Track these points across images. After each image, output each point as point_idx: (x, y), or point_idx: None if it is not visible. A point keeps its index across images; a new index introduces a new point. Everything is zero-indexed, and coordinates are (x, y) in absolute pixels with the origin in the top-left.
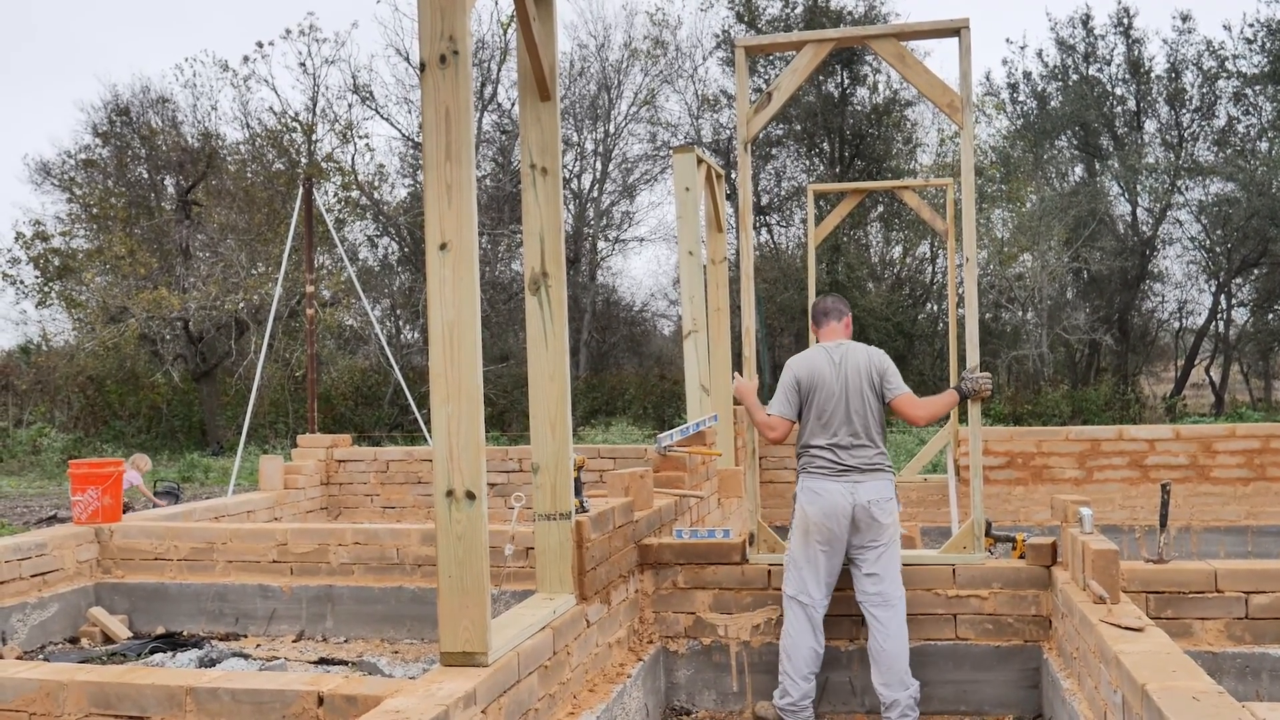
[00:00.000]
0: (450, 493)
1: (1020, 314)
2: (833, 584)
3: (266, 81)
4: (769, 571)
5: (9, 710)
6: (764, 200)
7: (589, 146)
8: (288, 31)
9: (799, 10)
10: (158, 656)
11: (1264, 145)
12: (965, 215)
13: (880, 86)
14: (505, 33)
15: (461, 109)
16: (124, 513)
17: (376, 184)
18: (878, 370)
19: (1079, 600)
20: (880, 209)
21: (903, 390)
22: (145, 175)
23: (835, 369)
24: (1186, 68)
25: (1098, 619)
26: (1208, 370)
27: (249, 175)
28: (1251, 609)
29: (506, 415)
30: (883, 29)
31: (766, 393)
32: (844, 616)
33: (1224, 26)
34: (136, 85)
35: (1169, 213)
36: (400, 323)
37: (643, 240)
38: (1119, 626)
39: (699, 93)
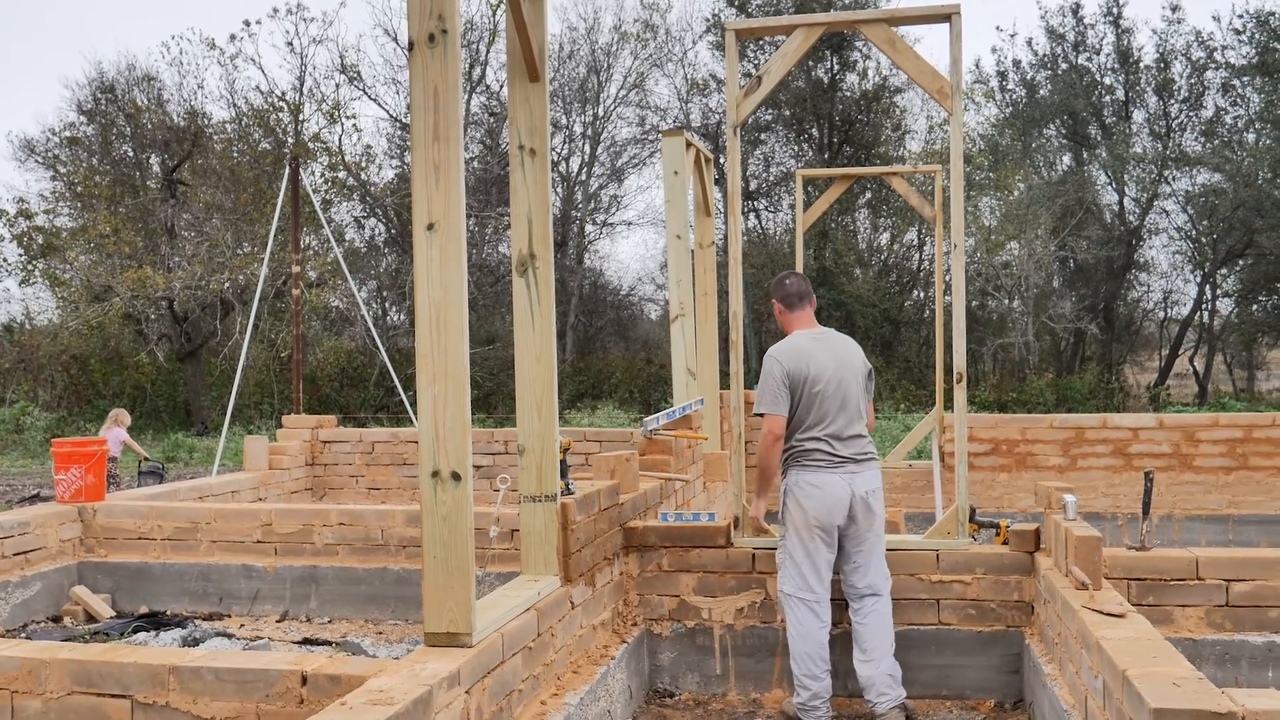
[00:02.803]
0: (436, 473)
1: (1006, 302)
2: (830, 576)
3: (253, 60)
4: (753, 555)
5: None
6: (752, 185)
7: (577, 129)
8: (275, 10)
9: None
10: (141, 635)
11: (1251, 136)
12: (953, 202)
13: (870, 73)
14: (494, 14)
15: (450, 88)
16: (109, 481)
17: (364, 165)
18: (865, 364)
19: (1061, 586)
20: (868, 195)
21: (873, 395)
22: (130, 153)
23: (828, 357)
24: (1175, 58)
25: (1080, 605)
26: (1192, 360)
27: (235, 155)
28: (1232, 596)
29: (492, 398)
30: (873, 13)
31: (752, 377)
32: None
33: (1213, 17)
34: (122, 63)
35: (1155, 203)
36: (386, 304)
37: (630, 224)
38: (1101, 612)
39: (688, 76)
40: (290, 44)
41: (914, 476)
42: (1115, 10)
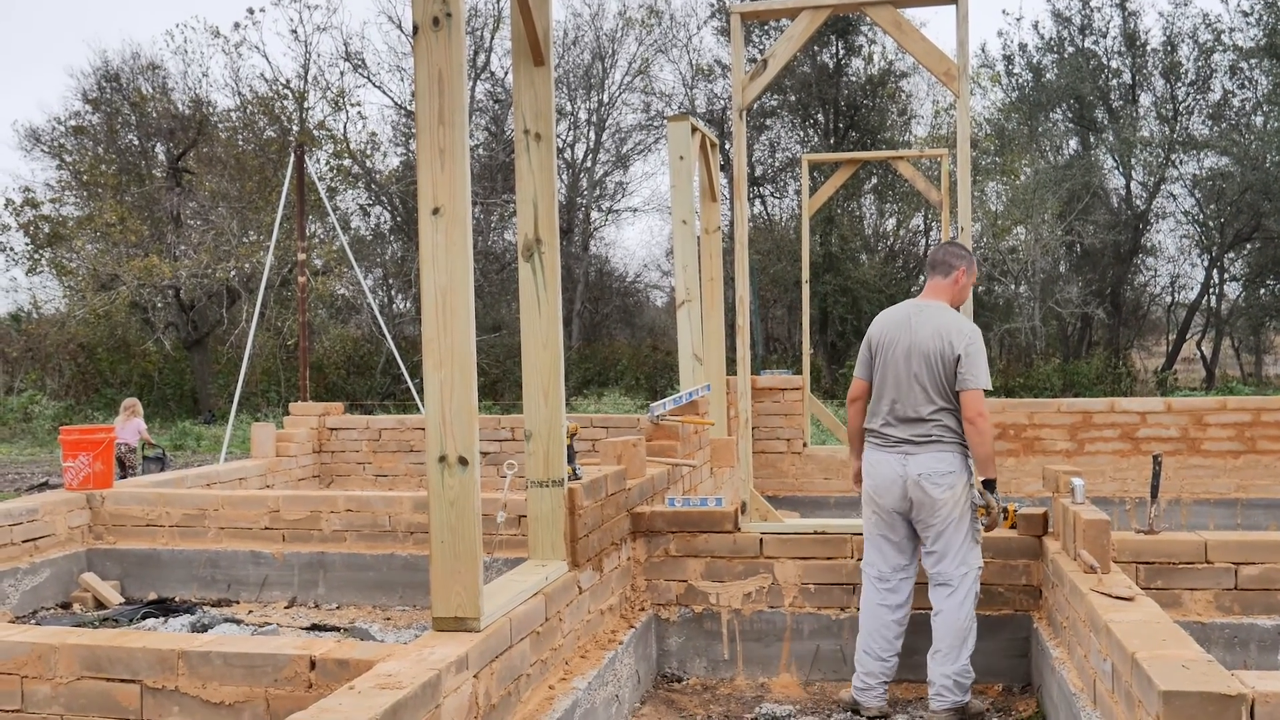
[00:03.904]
0: (443, 458)
1: (1013, 287)
2: (903, 559)
3: (258, 48)
4: (760, 540)
5: (0, 673)
6: (758, 171)
7: (583, 116)
8: None
9: None
10: (150, 621)
11: (1259, 119)
12: (960, 185)
13: (875, 57)
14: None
15: (454, 72)
16: (120, 467)
17: (369, 152)
18: (951, 348)
19: (1069, 570)
20: (874, 180)
21: (975, 385)
22: (136, 142)
23: (906, 331)
24: (1182, 41)
25: (1088, 588)
26: (1199, 345)
27: (240, 143)
28: (1240, 580)
29: (499, 385)
30: None
31: (759, 362)
32: (833, 585)
33: None
34: (127, 51)
35: (1163, 186)
36: (392, 292)
37: (636, 211)
38: (1109, 596)
39: (693, 62)
40: (294, 31)
41: None
42: None
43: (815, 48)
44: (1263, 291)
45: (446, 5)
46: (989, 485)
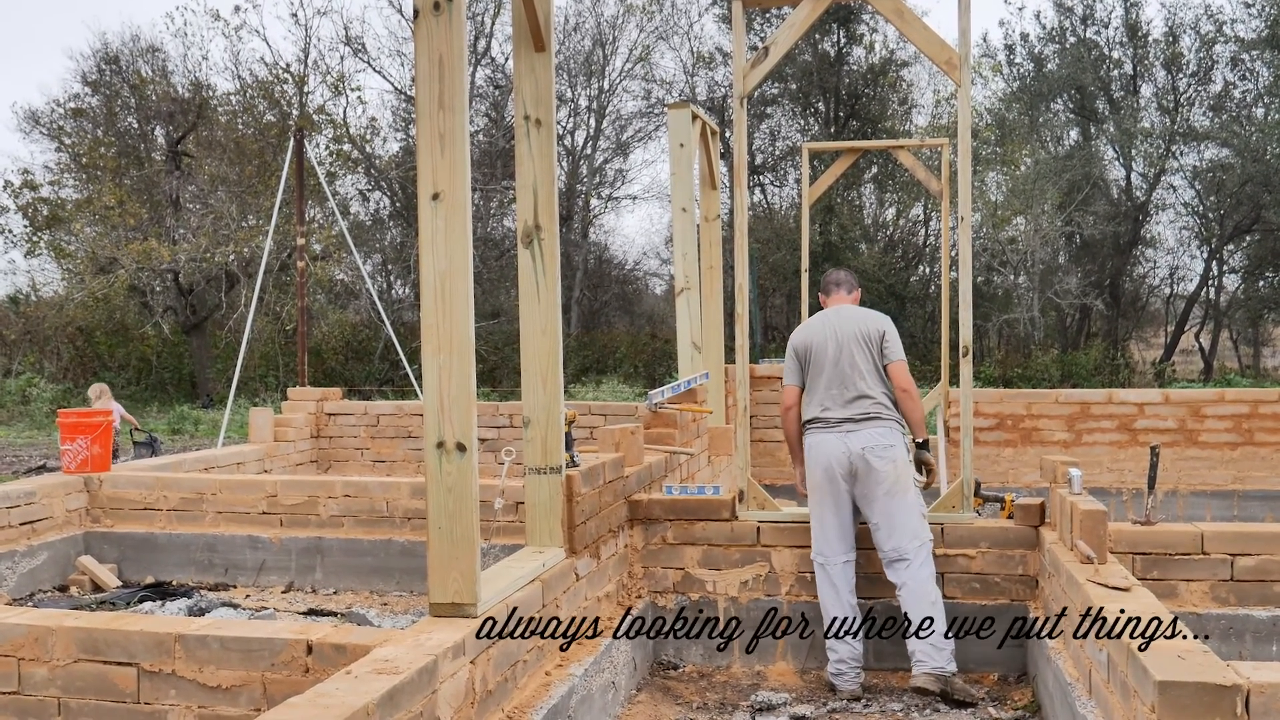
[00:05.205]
0: (441, 444)
1: (1012, 277)
2: (848, 540)
3: (258, 32)
4: (758, 528)
5: None
6: (758, 160)
7: (583, 103)
8: None
9: None
10: (147, 605)
11: (1260, 111)
12: (960, 174)
13: (877, 46)
14: None
15: (455, 56)
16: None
17: (368, 137)
18: (876, 329)
19: (1066, 560)
20: (874, 170)
21: (898, 358)
22: (135, 125)
23: (830, 330)
24: (1184, 32)
25: (1085, 579)
26: (1198, 336)
27: (240, 126)
28: (1236, 571)
29: (497, 372)
30: None
31: (758, 351)
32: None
33: None
34: (126, 34)
35: (1163, 178)
36: (391, 278)
37: (636, 198)
38: (1106, 586)
39: (694, 50)
40: (294, 15)
41: None
42: None
43: (816, 36)
44: (1261, 284)
45: None
46: (924, 445)
